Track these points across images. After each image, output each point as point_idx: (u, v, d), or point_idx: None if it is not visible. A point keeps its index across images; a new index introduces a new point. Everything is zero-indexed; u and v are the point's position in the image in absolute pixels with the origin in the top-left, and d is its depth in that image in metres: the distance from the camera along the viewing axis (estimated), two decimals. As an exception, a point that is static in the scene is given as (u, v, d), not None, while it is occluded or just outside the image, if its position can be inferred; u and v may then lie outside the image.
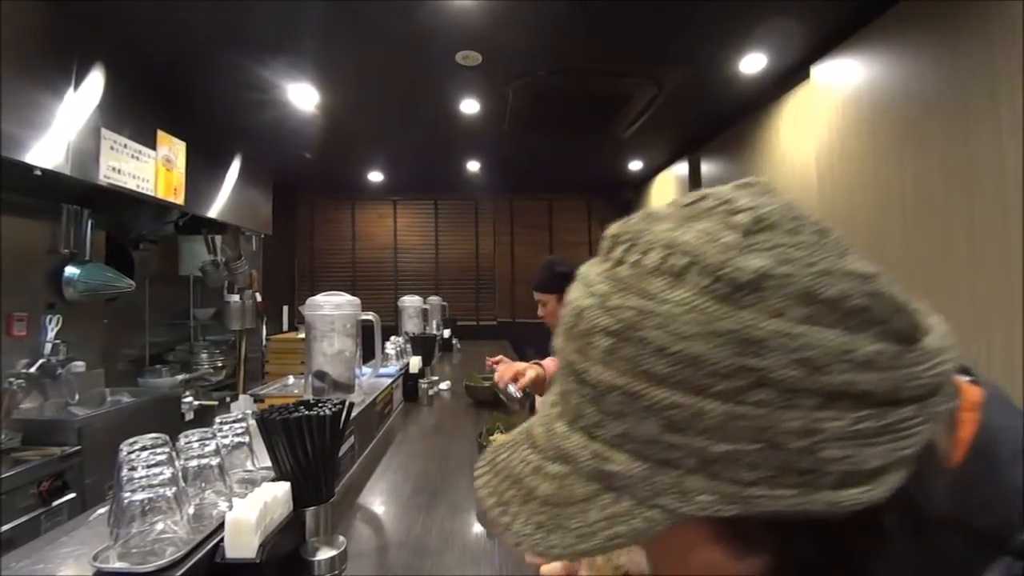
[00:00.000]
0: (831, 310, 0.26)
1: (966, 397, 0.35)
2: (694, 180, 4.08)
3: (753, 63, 2.61)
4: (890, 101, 2.01)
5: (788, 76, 2.70)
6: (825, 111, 2.40)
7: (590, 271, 0.32)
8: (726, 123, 3.46)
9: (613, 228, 0.32)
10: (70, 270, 2.37)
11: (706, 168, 3.94)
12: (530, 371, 1.58)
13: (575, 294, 0.32)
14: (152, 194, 2.50)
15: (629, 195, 5.78)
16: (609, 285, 0.29)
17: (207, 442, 0.84)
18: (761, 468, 0.26)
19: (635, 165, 4.78)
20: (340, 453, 1.05)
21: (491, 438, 1.45)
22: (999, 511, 0.30)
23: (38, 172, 1.91)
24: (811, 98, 2.52)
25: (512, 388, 1.55)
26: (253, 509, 0.74)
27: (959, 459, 0.32)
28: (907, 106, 1.93)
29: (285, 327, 4.93)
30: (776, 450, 0.26)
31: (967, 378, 0.37)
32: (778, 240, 0.27)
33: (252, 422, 0.97)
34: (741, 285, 0.26)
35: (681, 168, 4.27)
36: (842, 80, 2.29)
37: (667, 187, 4.68)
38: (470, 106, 3.18)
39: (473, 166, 4.75)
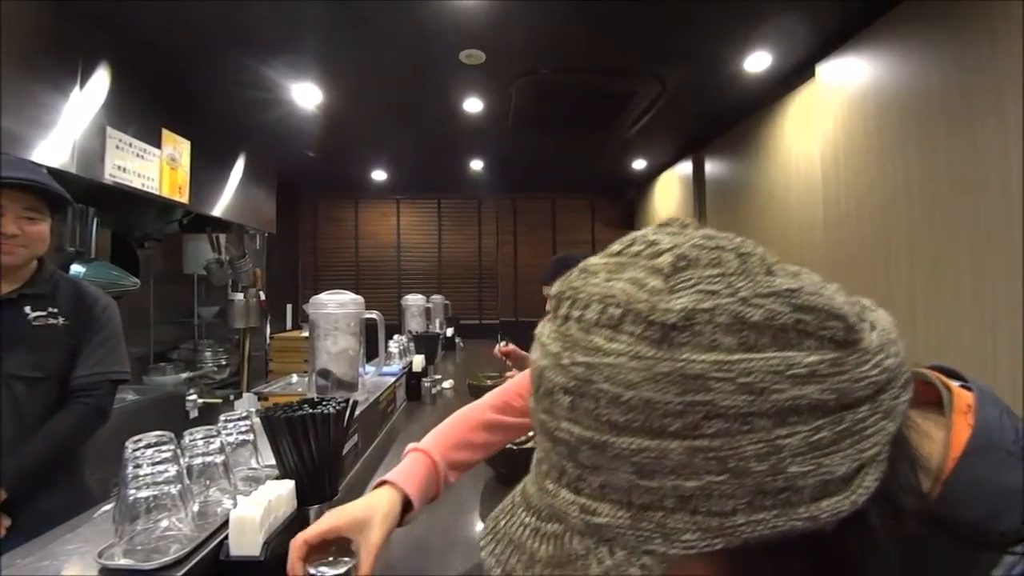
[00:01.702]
0: (761, 333, 0.27)
1: (960, 400, 0.35)
2: (698, 179, 4.07)
3: (758, 62, 2.60)
4: (895, 99, 2.00)
5: (793, 75, 2.69)
6: (830, 110, 2.39)
7: (544, 330, 0.33)
8: (730, 122, 3.44)
9: (556, 287, 0.34)
10: (76, 268, 2.37)
11: (710, 167, 3.92)
12: None
13: (534, 355, 0.33)
14: (157, 193, 2.51)
15: (633, 194, 5.77)
16: (560, 344, 0.31)
17: (211, 440, 0.84)
18: (736, 497, 0.27)
19: (639, 164, 4.77)
20: (344, 451, 1.05)
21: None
22: (984, 506, 0.31)
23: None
24: (816, 97, 2.51)
25: None
26: (257, 507, 0.74)
27: (954, 462, 0.32)
28: (912, 104, 1.92)
29: (289, 325, 4.95)
30: (744, 476, 0.26)
31: (957, 383, 0.38)
32: (699, 275, 0.28)
33: (256, 420, 0.97)
34: (671, 326, 0.27)
35: (685, 167, 4.25)
36: (847, 79, 2.27)
37: (671, 186, 4.66)
38: (473, 105, 3.18)
39: (476, 165, 4.75)
